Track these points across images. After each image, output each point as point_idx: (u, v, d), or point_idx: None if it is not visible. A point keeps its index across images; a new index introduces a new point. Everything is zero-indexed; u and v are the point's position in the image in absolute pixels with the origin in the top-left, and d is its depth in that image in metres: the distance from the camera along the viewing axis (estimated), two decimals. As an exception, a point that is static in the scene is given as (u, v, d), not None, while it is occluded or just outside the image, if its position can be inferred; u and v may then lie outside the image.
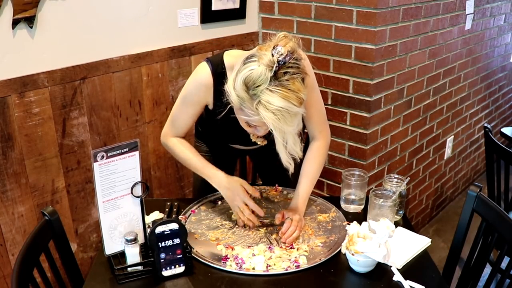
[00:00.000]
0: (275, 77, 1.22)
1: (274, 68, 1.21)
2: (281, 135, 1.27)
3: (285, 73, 1.22)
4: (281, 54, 1.21)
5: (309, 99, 1.46)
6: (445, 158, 3.06)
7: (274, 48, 1.22)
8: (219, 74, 1.43)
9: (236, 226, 1.52)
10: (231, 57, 1.45)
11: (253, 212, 1.51)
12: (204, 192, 1.69)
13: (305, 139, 1.74)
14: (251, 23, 2.47)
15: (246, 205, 1.50)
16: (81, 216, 2.03)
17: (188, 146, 1.62)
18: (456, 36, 2.71)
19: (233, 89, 1.27)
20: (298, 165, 1.62)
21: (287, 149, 1.33)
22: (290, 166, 1.38)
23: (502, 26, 3.25)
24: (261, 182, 2.03)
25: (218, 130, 1.67)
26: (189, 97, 1.53)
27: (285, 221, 1.46)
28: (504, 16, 3.23)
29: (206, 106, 1.55)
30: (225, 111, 1.38)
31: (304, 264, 1.33)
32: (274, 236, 1.46)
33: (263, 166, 1.96)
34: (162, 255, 1.26)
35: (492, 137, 2.09)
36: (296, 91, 1.23)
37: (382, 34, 2.11)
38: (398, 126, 2.45)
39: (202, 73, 1.47)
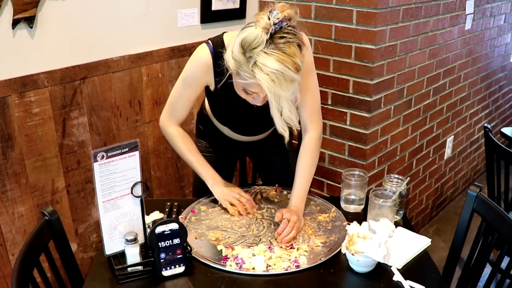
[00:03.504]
0: (272, 40, 1.23)
1: (270, 31, 1.22)
2: (276, 100, 1.27)
3: (281, 37, 1.24)
4: (278, 18, 1.23)
5: (305, 84, 1.47)
6: (445, 158, 3.06)
7: (270, 11, 1.24)
8: (219, 53, 1.44)
9: (234, 217, 1.56)
10: (231, 37, 1.46)
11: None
12: (204, 192, 1.69)
13: (298, 136, 1.74)
14: (251, 23, 2.47)
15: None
16: (81, 216, 2.03)
17: (190, 141, 1.65)
18: (456, 36, 2.71)
19: (231, 53, 1.29)
20: (295, 160, 1.63)
21: (282, 115, 1.33)
22: (284, 132, 1.38)
23: (502, 26, 3.25)
24: (261, 182, 2.03)
25: (220, 114, 1.68)
26: (190, 77, 1.53)
27: (281, 222, 1.46)
28: (504, 16, 3.23)
29: (208, 90, 1.56)
30: (225, 78, 1.39)
31: (304, 264, 1.33)
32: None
33: (263, 167, 1.96)
34: (162, 255, 1.26)
35: (492, 137, 2.09)
36: (292, 56, 1.24)
37: (382, 34, 2.11)
38: (398, 126, 2.45)
39: (201, 53, 1.49)
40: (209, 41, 1.49)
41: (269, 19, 1.23)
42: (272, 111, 1.33)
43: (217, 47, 1.46)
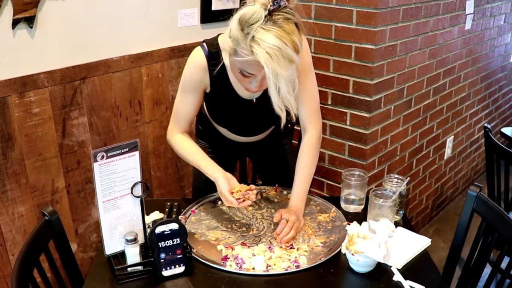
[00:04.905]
0: (270, 17, 1.23)
1: (268, 7, 1.22)
2: (274, 76, 1.25)
3: (279, 15, 1.24)
4: None
5: (303, 82, 1.47)
6: (445, 158, 3.06)
7: None
8: (214, 54, 1.43)
9: (234, 217, 1.55)
10: (226, 38, 1.45)
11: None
12: (204, 192, 1.69)
13: (298, 137, 1.74)
14: (251, 23, 2.47)
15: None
16: (81, 216, 2.03)
17: (191, 142, 1.61)
18: (456, 36, 2.72)
19: (229, 33, 1.29)
20: (294, 159, 1.62)
21: (280, 94, 1.31)
22: (281, 113, 1.36)
23: (502, 26, 3.25)
24: (261, 182, 2.03)
25: (217, 116, 1.67)
26: (188, 82, 1.53)
27: (280, 222, 1.45)
28: (504, 16, 3.23)
29: (205, 92, 1.56)
30: (220, 64, 1.38)
31: (304, 264, 1.33)
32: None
33: (263, 167, 1.96)
34: (162, 255, 1.26)
35: (492, 137, 2.09)
36: (290, 33, 1.24)
37: (382, 34, 2.11)
38: (398, 126, 2.45)
39: (196, 56, 1.49)
40: (204, 43, 1.49)
41: None
42: (269, 89, 1.30)
43: (212, 48, 1.46)
